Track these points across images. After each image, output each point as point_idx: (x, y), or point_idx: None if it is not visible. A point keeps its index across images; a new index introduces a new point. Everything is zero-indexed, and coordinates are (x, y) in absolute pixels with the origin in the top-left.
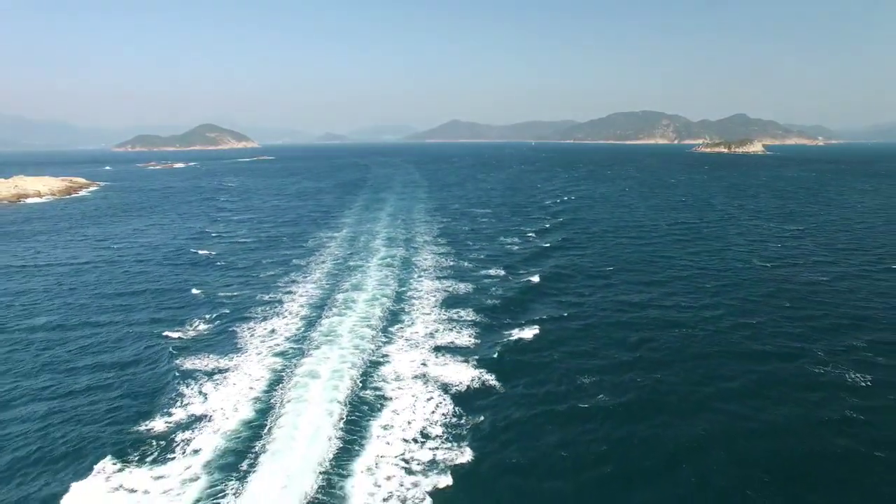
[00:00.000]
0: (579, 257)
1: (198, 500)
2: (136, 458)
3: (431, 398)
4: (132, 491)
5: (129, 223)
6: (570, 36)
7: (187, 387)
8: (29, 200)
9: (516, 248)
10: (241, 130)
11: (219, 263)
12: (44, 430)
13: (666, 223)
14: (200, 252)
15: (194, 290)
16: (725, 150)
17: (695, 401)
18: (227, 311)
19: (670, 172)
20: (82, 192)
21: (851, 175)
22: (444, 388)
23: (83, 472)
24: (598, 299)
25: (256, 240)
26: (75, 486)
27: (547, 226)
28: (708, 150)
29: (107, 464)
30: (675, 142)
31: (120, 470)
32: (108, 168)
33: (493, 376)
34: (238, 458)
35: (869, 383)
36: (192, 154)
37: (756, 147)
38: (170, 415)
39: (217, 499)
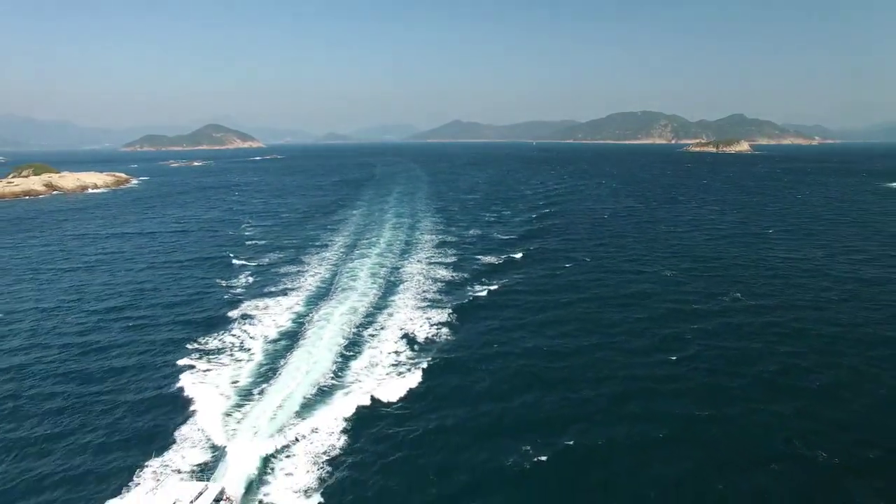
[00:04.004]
0: (542, 226)
1: (296, 322)
2: (256, 300)
3: (429, 283)
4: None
5: (183, 206)
6: (571, 36)
7: (275, 285)
8: (90, 191)
9: (492, 219)
10: (244, 130)
11: (275, 228)
12: (163, 309)
13: (621, 205)
14: (253, 223)
15: (259, 241)
16: (714, 150)
17: (591, 295)
18: (292, 251)
19: (651, 170)
20: (130, 185)
21: (819, 172)
22: (435, 278)
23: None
24: (545, 250)
25: (292, 216)
26: (181, 364)
27: (521, 207)
28: (698, 149)
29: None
30: (673, 141)
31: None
32: (134, 166)
33: (465, 276)
34: (319, 299)
35: (676, 274)
36: (203, 153)
37: (743, 147)
38: (271, 293)
39: (304, 322)
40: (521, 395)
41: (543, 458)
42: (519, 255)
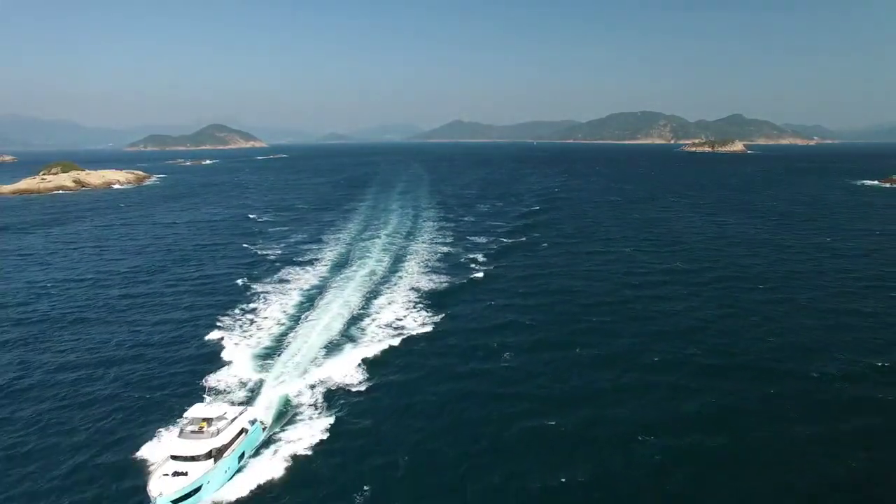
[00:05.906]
0: (532, 217)
1: (324, 280)
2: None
3: (431, 255)
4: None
5: (206, 200)
6: (572, 37)
7: (302, 256)
8: (115, 187)
9: (485, 209)
10: (246, 130)
11: (293, 216)
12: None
13: (604, 199)
14: (273, 213)
15: (282, 227)
16: (709, 149)
17: (563, 270)
18: (312, 233)
19: (642, 168)
20: (150, 182)
21: (805, 171)
22: (436, 252)
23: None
24: (532, 235)
25: (307, 207)
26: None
27: (515, 201)
28: (694, 149)
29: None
30: (672, 141)
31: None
32: (143, 165)
33: (462, 252)
34: (341, 265)
35: (634, 251)
36: (207, 153)
37: (737, 147)
38: (300, 262)
39: (330, 281)
40: (503, 330)
41: (524, 359)
42: (509, 239)
